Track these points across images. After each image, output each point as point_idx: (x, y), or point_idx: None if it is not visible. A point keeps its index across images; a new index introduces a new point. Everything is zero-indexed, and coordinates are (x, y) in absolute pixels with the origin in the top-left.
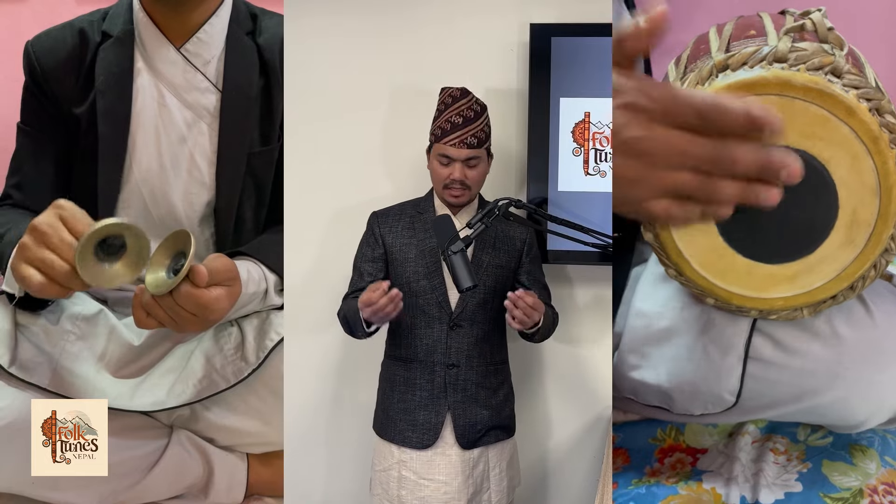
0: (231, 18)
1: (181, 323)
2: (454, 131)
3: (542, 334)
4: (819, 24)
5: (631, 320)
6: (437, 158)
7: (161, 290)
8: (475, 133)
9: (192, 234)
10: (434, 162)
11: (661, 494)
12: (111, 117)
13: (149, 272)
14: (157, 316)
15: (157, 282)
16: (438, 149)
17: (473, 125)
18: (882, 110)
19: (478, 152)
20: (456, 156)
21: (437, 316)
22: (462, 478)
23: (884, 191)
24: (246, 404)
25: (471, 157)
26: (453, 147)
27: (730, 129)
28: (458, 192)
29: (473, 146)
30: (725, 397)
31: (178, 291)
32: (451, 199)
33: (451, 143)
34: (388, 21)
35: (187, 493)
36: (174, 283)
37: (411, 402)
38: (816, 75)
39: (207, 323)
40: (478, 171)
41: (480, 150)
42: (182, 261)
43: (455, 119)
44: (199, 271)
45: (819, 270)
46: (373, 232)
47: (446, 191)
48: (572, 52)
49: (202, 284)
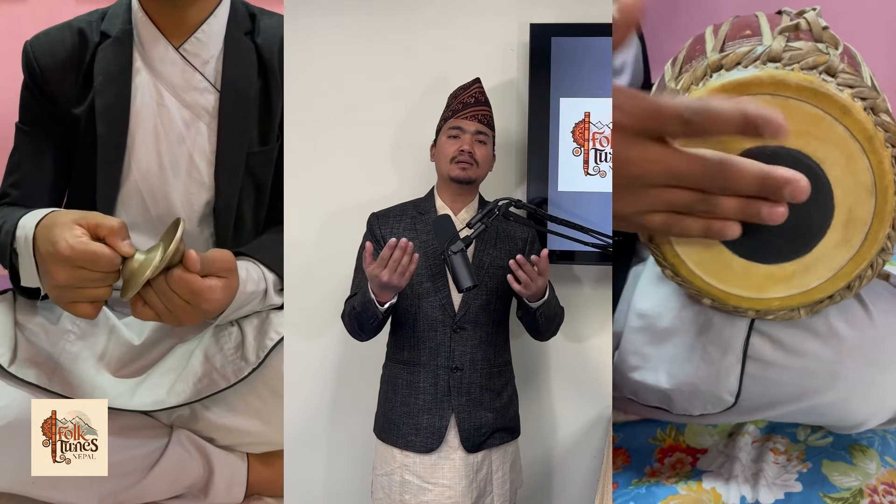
0: (229, 18)
1: (175, 311)
2: (467, 108)
3: (547, 316)
4: (814, 24)
5: (630, 320)
6: (448, 133)
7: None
8: (485, 113)
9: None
10: (443, 139)
11: (661, 494)
12: (110, 117)
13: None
14: (151, 303)
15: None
16: (451, 123)
17: (484, 106)
18: (877, 109)
19: (487, 130)
20: (468, 127)
21: (441, 319)
22: (466, 482)
23: (879, 190)
24: (246, 404)
25: (481, 131)
26: (466, 119)
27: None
28: (466, 164)
29: (484, 123)
30: (725, 397)
31: (170, 276)
32: (459, 171)
33: (464, 117)
34: (388, 21)
35: (187, 493)
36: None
37: (414, 405)
38: (811, 74)
39: (202, 313)
40: (485, 151)
41: (489, 130)
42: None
43: (468, 100)
44: (190, 256)
45: (815, 270)
46: (373, 234)
47: (454, 164)
48: (572, 52)
49: (194, 269)
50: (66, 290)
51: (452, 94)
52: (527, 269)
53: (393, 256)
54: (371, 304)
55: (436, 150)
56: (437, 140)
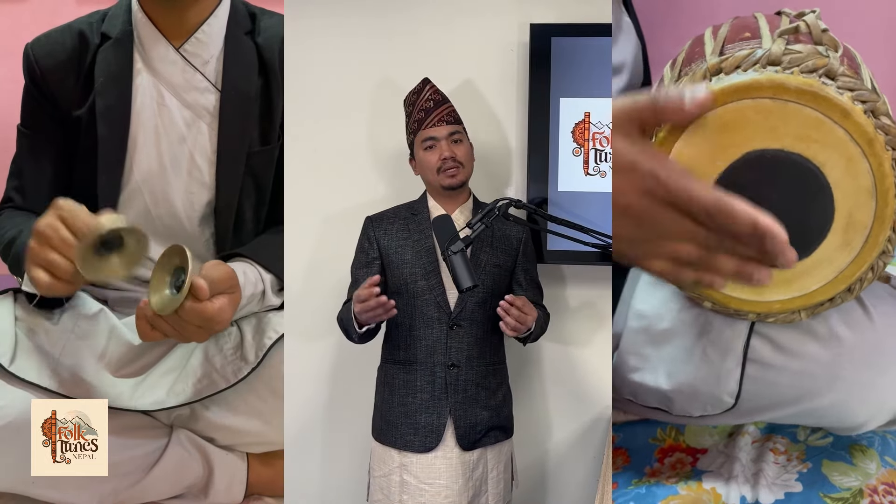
0: (230, 18)
1: (187, 335)
2: (429, 115)
3: (534, 337)
4: (813, 26)
5: (630, 321)
6: (422, 146)
7: (167, 310)
8: (449, 111)
9: (193, 234)
10: (421, 153)
11: (661, 494)
12: (110, 118)
13: (152, 293)
14: (162, 329)
15: (163, 302)
16: (421, 136)
17: (444, 105)
18: (877, 112)
19: (458, 128)
20: (439, 134)
21: (437, 317)
22: (463, 480)
23: (880, 193)
24: (246, 404)
25: (453, 132)
26: (434, 126)
27: (734, 233)
28: (453, 171)
29: (451, 122)
30: (724, 399)
31: (182, 308)
32: (448, 180)
33: (430, 125)
34: (388, 21)
35: (187, 493)
36: (178, 301)
37: (412, 405)
38: (810, 78)
39: (212, 332)
40: (464, 149)
41: (459, 126)
42: (182, 276)
43: (426, 105)
44: (200, 287)
45: (816, 273)
46: (367, 236)
47: (441, 175)
48: (572, 52)
49: (204, 298)
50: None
51: (408, 101)
52: (513, 313)
53: (367, 304)
54: (351, 322)
55: (416, 163)
56: (414, 154)
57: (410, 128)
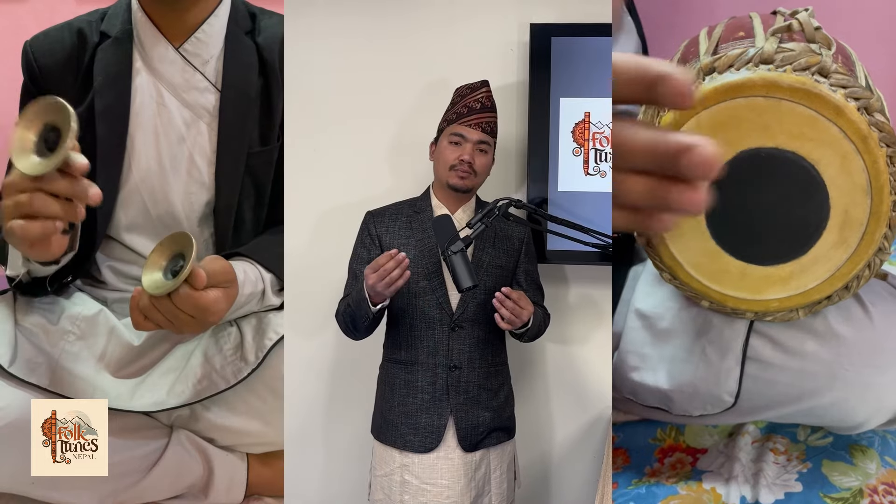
0: (230, 18)
1: (179, 325)
2: (471, 114)
3: (531, 334)
4: (806, 24)
5: (630, 321)
6: (449, 139)
7: (160, 291)
8: (489, 121)
9: (192, 234)
10: (444, 144)
11: (661, 494)
12: (109, 117)
13: (145, 273)
14: (154, 319)
15: (156, 283)
16: (453, 129)
17: (489, 113)
18: (871, 109)
19: (489, 139)
20: (470, 136)
21: (438, 317)
22: (465, 481)
23: (875, 190)
24: (246, 404)
25: (483, 140)
26: (469, 127)
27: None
28: (465, 174)
29: (487, 132)
30: (724, 398)
31: (176, 294)
32: (457, 180)
33: (467, 124)
34: (388, 21)
35: (187, 493)
36: (173, 285)
37: (412, 405)
38: (803, 76)
39: (206, 324)
40: (485, 160)
41: (491, 139)
42: (180, 262)
43: (473, 104)
44: (198, 275)
45: (813, 271)
46: (368, 232)
47: (452, 172)
48: (572, 52)
49: (200, 287)
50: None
51: (458, 93)
52: (508, 305)
53: (385, 266)
54: (364, 302)
55: (436, 150)
56: (438, 141)
57: (447, 116)
